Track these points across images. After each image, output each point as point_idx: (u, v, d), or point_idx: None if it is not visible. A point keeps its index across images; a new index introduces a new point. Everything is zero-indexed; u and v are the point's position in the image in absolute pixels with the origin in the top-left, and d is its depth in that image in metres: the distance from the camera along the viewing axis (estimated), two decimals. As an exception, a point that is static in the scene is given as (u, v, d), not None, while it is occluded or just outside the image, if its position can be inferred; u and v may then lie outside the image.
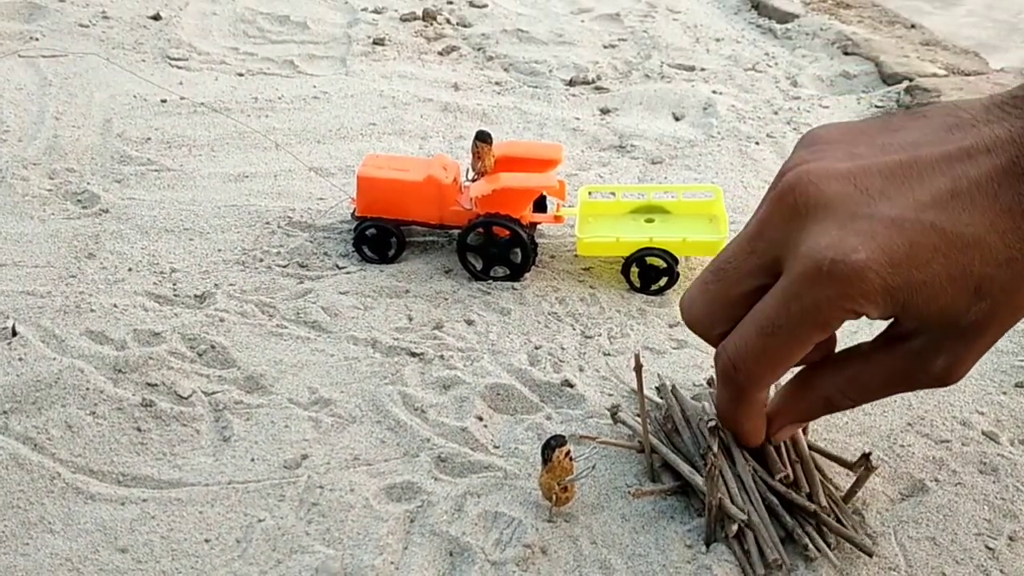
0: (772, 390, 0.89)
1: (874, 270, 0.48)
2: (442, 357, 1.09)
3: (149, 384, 1.03)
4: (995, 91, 1.86)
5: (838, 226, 0.48)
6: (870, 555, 0.83)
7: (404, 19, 2.21)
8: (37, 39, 2.00)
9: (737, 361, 0.54)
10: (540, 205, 1.33)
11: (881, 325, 0.66)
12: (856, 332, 1.16)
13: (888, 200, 0.48)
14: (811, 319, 0.52)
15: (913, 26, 2.25)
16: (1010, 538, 0.87)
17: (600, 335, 1.14)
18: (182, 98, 1.76)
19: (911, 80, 1.90)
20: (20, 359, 1.06)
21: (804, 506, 0.84)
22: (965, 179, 0.47)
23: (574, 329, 1.15)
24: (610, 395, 1.04)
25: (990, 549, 0.86)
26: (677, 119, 1.77)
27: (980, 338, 0.50)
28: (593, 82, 1.92)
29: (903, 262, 0.48)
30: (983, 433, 1.00)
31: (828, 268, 0.49)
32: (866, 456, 0.87)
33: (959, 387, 1.07)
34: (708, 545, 0.84)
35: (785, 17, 2.27)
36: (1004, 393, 1.06)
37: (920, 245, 0.48)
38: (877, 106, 1.87)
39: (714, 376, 1.05)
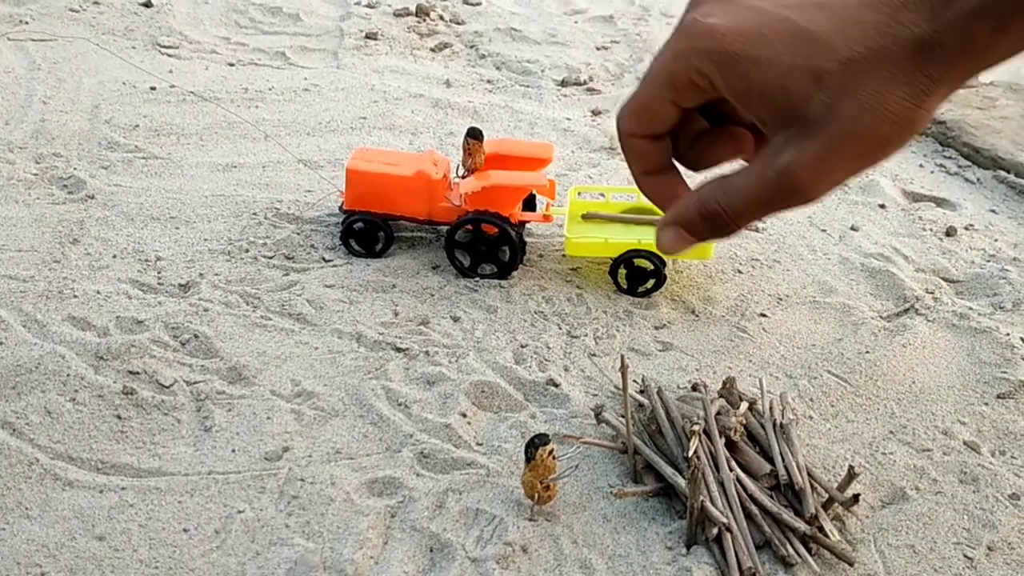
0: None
1: (722, 33, 0.53)
2: (427, 353, 1.09)
3: (131, 372, 1.02)
4: (983, 103, 1.87)
5: (713, 5, 0.55)
6: (851, 564, 0.84)
7: (397, 14, 2.21)
8: (27, 23, 1.99)
9: (619, 110, 0.58)
10: (530, 204, 1.33)
11: None
12: (841, 339, 1.16)
13: (766, 1, 0.54)
14: (666, 69, 0.56)
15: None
16: (989, 548, 0.88)
17: (586, 335, 1.14)
18: (172, 86, 1.75)
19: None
20: (0, 343, 1.05)
21: (790, 524, 0.85)
22: (836, 0, 0.52)
23: (560, 329, 1.15)
24: (595, 395, 1.04)
25: (969, 558, 0.86)
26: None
27: (825, 132, 0.53)
28: (585, 83, 1.92)
29: (751, 37, 0.53)
30: (964, 443, 1.01)
31: (687, 25, 0.54)
32: (852, 472, 0.87)
33: (941, 397, 1.07)
34: (688, 547, 0.84)
35: (778, 25, 2.28)
36: (986, 404, 1.07)
37: (770, 28, 0.53)
38: (867, 116, 1.88)
39: (697, 382, 1.05)
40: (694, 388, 1.03)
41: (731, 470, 0.88)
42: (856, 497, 0.88)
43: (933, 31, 0.49)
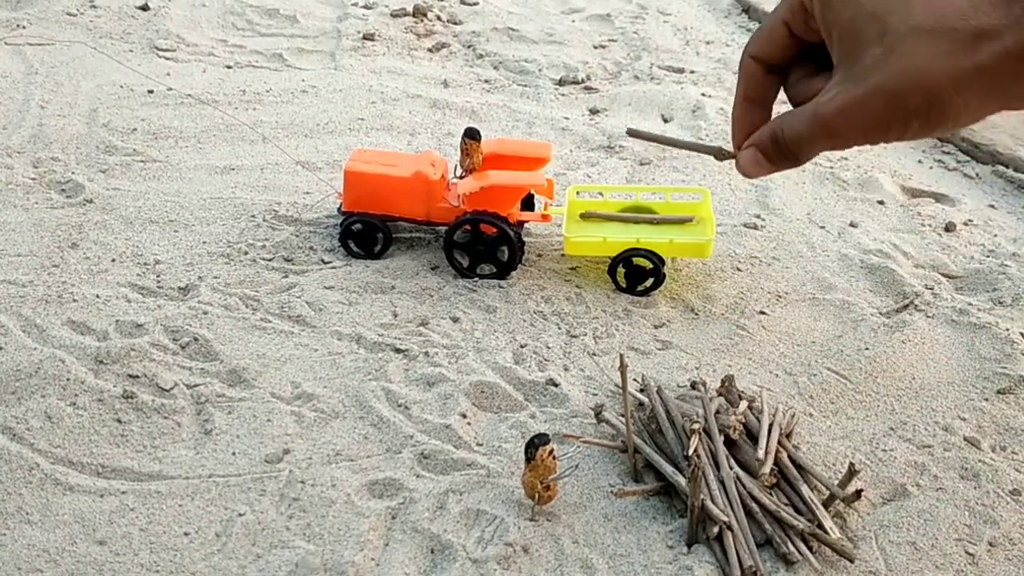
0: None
1: None
2: (427, 354, 1.09)
3: (131, 376, 1.02)
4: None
5: None
6: (852, 560, 0.84)
7: (394, 15, 2.21)
8: (24, 27, 1.99)
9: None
10: (528, 203, 1.33)
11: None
12: (841, 336, 1.16)
13: None
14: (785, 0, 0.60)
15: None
16: (990, 544, 0.88)
17: (585, 335, 1.14)
18: (169, 89, 1.75)
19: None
20: (0, 348, 1.05)
21: (790, 522, 0.85)
22: None
23: (559, 328, 1.15)
24: (594, 395, 1.04)
25: (970, 554, 0.86)
26: (666, 120, 1.77)
27: (862, 83, 0.55)
28: (583, 82, 1.92)
29: None
30: (965, 439, 1.01)
31: None
32: (853, 470, 0.87)
33: (941, 393, 1.07)
34: (690, 546, 0.84)
35: (775, 21, 2.28)
36: (986, 400, 1.07)
37: None
38: (865, 112, 1.87)
39: (696, 381, 1.05)
40: (693, 386, 1.03)
41: (731, 468, 0.88)
42: (858, 493, 0.88)
43: (999, 24, 0.50)
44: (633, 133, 0.68)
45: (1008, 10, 0.50)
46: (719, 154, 0.72)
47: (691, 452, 0.86)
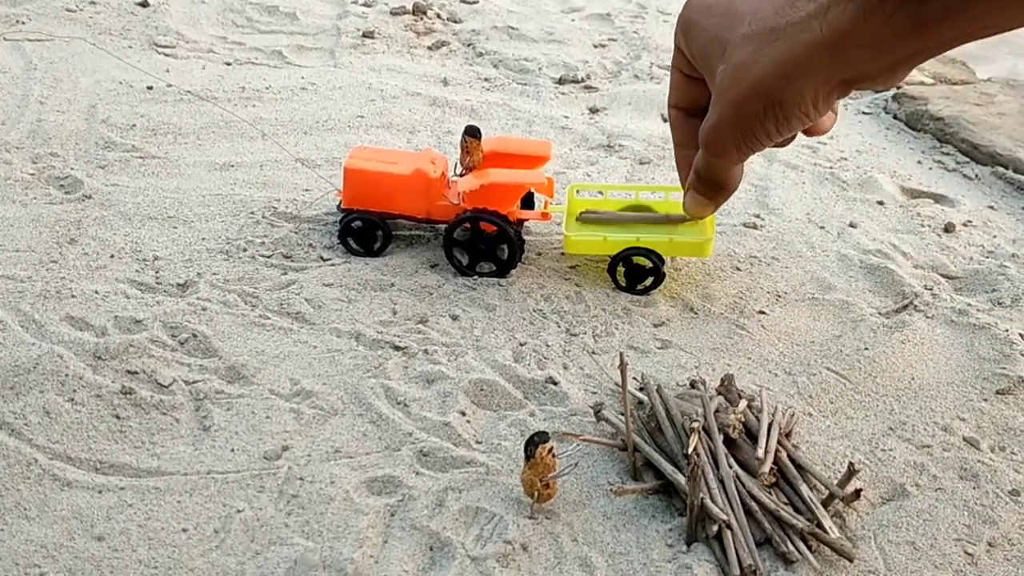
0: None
1: (691, 5, 0.61)
2: (426, 351, 1.08)
3: (129, 372, 1.02)
4: (981, 99, 1.87)
5: None
6: (851, 560, 0.84)
7: (394, 13, 2.20)
8: (23, 22, 1.98)
9: None
10: (528, 202, 1.33)
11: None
12: (840, 336, 1.16)
13: None
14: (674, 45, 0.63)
15: (902, 34, 2.26)
16: (989, 544, 0.88)
17: (585, 333, 1.14)
18: (169, 85, 1.74)
19: (899, 88, 1.90)
20: (-2, 343, 1.05)
21: (789, 521, 0.84)
22: None
23: (559, 327, 1.15)
24: (594, 393, 1.04)
25: (969, 555, 0.86)
26: (665, 120, 1.77)
27: (718, 101, 0.58)
28: (582, 81, 1.92)
29: (703, 8, 0.60)
30: (964, 439, 1.01)
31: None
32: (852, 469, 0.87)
33: (940, 393, 1.07)
34: (689, 544, 0.84)
35: (775, 22, 2.27)
36: (985, 400, 1.07)
37: (719, 3, 0.59)
38: (864, 112, 1.88)
39: (695, 379, 1.05)
40: (692, 385, 1.03)
41: (730, 467, 0.88)
42: (857, 492, 0.88)
43: (808, 15, 0.53)
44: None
45: (823, 3, 0.52)
46: (679, 221, 0.78)
47: (690, 451, 0.86)
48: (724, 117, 0.58)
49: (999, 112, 1.79)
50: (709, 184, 0.64)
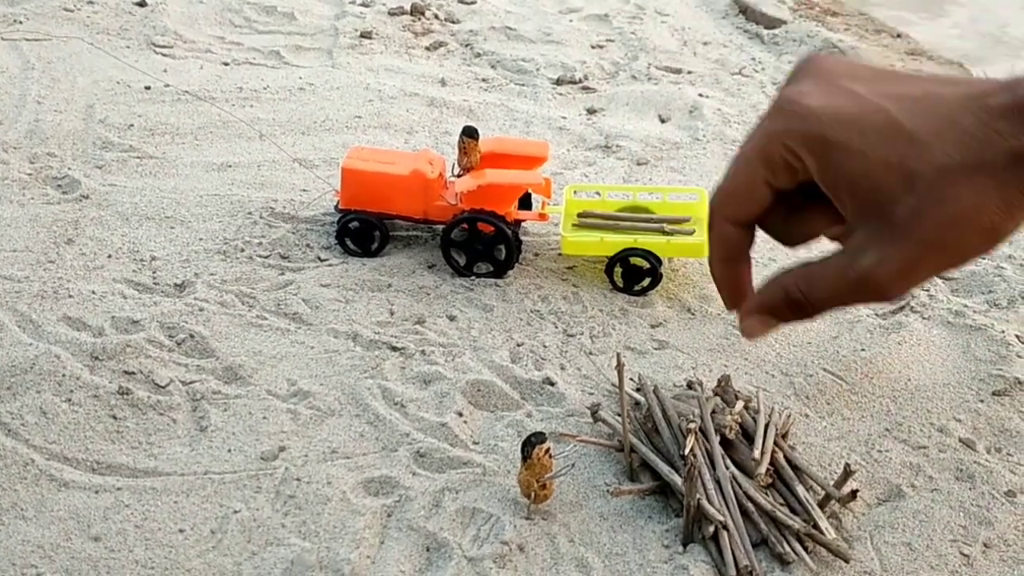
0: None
1: (818, 117, 0.52)
2: (423, 352, 1.09)
3: (126, 372, 1.02)
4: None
5: (812, 84, 0.54)
6: (847, 561, 0.84)
7: (392, 13, 2.20)
8: (21, 22, 1.98)
9: (713, 191, 0.59)
10: (525, 202, 1.33)
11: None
12: (837, 337, 1.16)
13: (862, 84, 0.53)
14: (759, 148, 0.56)
15: (899, 36, 2.26)
16: (985, 545, 0.88)
17: (582, 334, 1.14)
18: (166, 86, 1.74)
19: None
20: (-5, 344, 1.04)
21: (784, 521, 0.85)
22: (934, 94, 0.51)
23: (556, 327, 1.15)
24: (591, 394, 1.04)
25: (965, 555, 0.86)
26: (663, 121, 1.77)
27: (907, 239, 0.53)
28: (580, 82, 1.92)
29: (846, 123, 0.52)
30: (960, 440, 1.01)
31: (783, 104, 0.54)
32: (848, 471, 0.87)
33: (937, 394, 1.07)
34: (685, 545, 0.84)
35: (772, 23, 2.28)
36: (981, 401, 1.07)
37: (869, 120, 0.52)
38: (862, 114, 1.87)
39: (692, 380, 1.05)
40: (689, 386, 1.03)
41: (727, 469, 0.88)
42: (854, 493, 0.88)
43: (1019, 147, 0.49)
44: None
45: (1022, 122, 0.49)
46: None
47: (687, 451, 0.86)
48: (924, 258, 0.53)
49: (996, 113, 1.79)
50: (805, 311, 0.59)
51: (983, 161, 0.50)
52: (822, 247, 0.58)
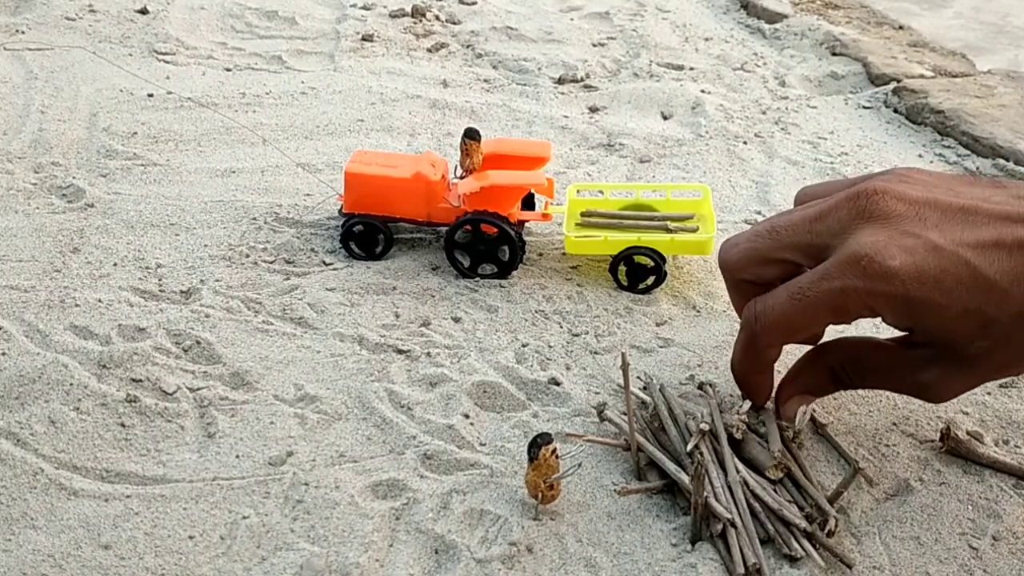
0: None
1: (901, 279, 0.54)
2: (429, 354, 1.09)
3: (134, 380, 1.02)
4: (981, 92, 1.87)
5: (887, 236, 0.55)
6: (850, 567, 0.83)
7: (393, 15, 2.21)
8: (23, 32, 1.99)
9: (760, 313, 0.63)
10: (528, 203, 1.33)
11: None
12: (844, 331, 1.16)
13: (938, 231, 0.54)
14: (834, 300, 0.60)
15: (901, 27, 2.26)
16: (994, 538, 0.88)
17: (587, 333, 1.14)
18: (169, 93, 1.75)
19: (899, 81, 1.90)
20: (3, 354, 1.05)
21: (791, 520, 0.85)
22: (1011, 237, 0.56)
23: (561, 327, 1.15)
24: (597, 393, 1.04)
25: (974, 549, 0.86)
26: (665, 118, 1.77)
27: (974, 371, 0.58)
28: (582, 80, 1.92)
29: (929, 282, 0.54)
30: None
31: (864, 263, 0.56)
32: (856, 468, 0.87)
33: (944, 387, 1.07)
34: (693, 544, 0.84)
35: (774, 17, 2.28)
36: (988, 394, 1.07)
37: (949, 273, 0.54)
38: (865, 107, 1.87)
39: (704, 382, 1.05)
40: (700, 388, 1.03)
41: (736, 472, 0.88)
42: (864, 476, 0.88)
43: None
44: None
45: None
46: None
47: (691, 447, 0.86)
48: (977, 382, 0.65)
49: (999, 104, 1.79)
50: (845, 388, 0.72)
51: None
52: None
